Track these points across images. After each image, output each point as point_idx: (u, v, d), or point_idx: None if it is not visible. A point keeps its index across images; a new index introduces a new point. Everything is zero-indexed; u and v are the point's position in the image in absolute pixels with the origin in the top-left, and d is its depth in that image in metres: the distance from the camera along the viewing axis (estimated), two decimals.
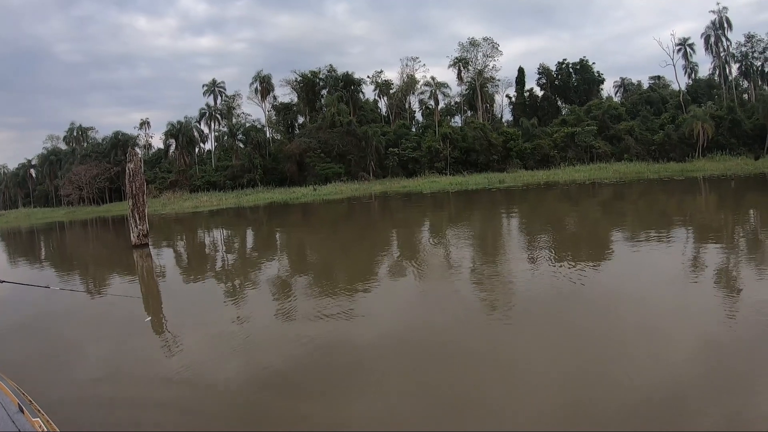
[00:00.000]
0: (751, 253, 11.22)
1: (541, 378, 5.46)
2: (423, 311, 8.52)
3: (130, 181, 20.13)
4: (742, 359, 5.51)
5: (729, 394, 4.82)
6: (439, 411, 4.96)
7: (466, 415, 4.86)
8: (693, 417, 4.51)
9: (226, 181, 60.93)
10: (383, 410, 5.08)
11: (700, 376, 5.32)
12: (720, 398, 4.78)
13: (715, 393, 4.91)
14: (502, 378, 5.63)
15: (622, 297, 8.25)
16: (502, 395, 5.25)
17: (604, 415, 4.64)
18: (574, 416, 4.70)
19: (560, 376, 5.47)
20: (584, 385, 5.28)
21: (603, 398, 4.97)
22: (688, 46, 63.73)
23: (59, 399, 5.55)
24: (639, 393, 4.93)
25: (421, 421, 4.79)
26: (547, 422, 4.63)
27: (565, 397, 5.04)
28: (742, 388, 4.90)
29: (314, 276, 12.61)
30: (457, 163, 61.24)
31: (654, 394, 4.86)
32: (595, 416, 4.64)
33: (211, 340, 7.70)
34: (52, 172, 72.79)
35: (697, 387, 5.11)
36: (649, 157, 54.29)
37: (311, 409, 5.13)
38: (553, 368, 5.67)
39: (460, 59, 70.21)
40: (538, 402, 4.99)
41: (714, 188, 31.14)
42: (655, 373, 5.31)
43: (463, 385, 5.48)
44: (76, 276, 15.88)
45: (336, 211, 34.73)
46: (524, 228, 19.57)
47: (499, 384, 5.51)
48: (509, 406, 5.02)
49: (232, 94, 71.83)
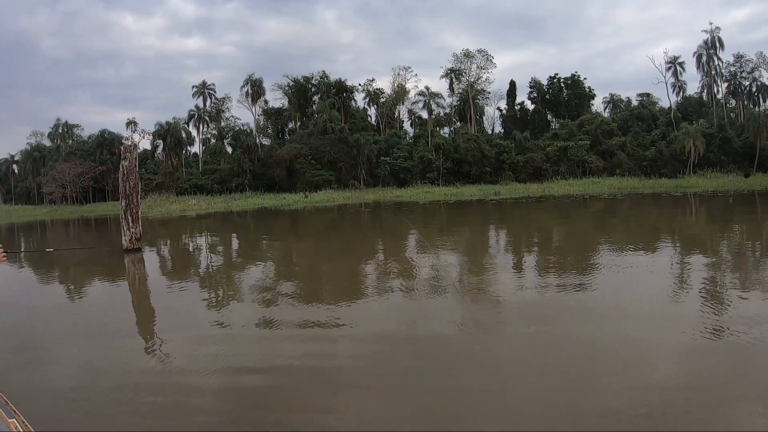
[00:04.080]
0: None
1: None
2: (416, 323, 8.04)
3: (124, 179, 18.87)
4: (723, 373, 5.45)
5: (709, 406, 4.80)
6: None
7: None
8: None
9: (214, 184, 59.50)
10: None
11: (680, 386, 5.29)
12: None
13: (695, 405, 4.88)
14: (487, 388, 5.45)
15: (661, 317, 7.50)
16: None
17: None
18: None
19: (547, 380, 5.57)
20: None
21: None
22: (679, 64, 64.88)
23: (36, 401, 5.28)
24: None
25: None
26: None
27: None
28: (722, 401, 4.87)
29: (330, 291, 11.63)
30: (449, 174, 60.83)
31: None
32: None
33: (233, 381, 6.64)
34: (35, 168, 70.34)
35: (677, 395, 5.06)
36: (641, 173, 54.63)
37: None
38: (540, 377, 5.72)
39: (453, 70, 70.11)
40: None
41: (718, 204, 31.00)
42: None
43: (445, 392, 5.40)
44: (62, 286, 14.46)
45: (335, 219, 33.67)
46: (544, 243, 18.85)
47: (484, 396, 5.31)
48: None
49: (221, 96, 70.49)
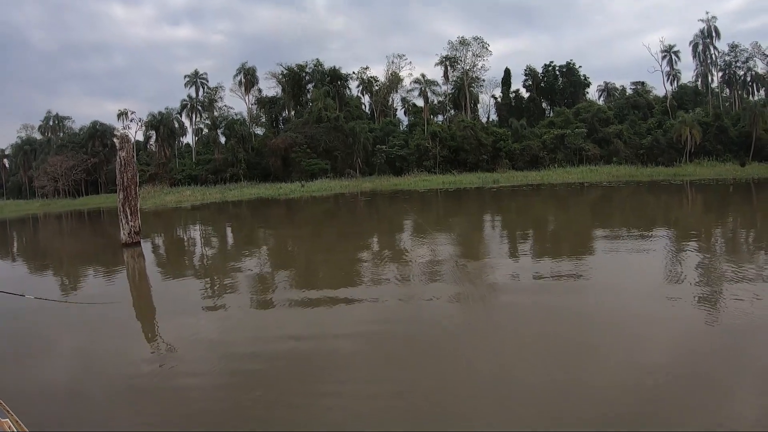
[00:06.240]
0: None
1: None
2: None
3: (122, 171, 18.28)
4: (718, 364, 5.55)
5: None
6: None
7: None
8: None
9: (208, 175, 58.74)
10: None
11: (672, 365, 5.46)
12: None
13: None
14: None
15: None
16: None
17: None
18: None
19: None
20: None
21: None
22: (674, 53, 64.67)
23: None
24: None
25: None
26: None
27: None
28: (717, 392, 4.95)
29: (342, 276, 11.30)
30: (445, 162, 60.34)
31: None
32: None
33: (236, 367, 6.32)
34: (26, 162, 68.83)
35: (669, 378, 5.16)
36: (638, 161, 54.53)
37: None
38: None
39: (448, 58, 69.33)
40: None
41: (721, 192, 31.03)
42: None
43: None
44: (60, 284, 13.93)
45: (334, 208, 33.26)
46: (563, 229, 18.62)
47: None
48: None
49: (214, 86, 69.22)
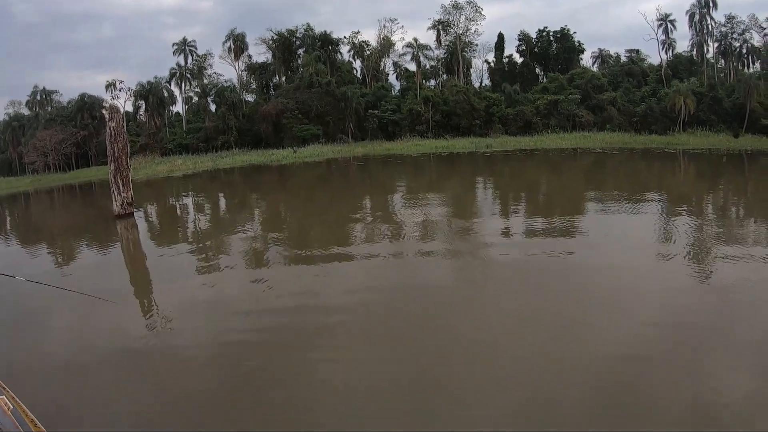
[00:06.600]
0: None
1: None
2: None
3: (112, 141, 18.06)
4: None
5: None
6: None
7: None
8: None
9: (199, 143, 57.96)
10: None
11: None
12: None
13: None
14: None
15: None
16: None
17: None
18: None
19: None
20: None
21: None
22: (670, 21, 63.77)
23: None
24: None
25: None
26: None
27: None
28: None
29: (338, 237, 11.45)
30: (438, 126, 59.90)
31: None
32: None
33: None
34: (14, 138, 67.16)
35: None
36: (631, 128, 54.42)
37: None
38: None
39: (440, 22, 67.88)
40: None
41: (717, 162, 31.36)
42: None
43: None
44: (54, 260, 13.94)
45: (326, 173, 33.22)
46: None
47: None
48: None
49: (203, 53, 67.43)
